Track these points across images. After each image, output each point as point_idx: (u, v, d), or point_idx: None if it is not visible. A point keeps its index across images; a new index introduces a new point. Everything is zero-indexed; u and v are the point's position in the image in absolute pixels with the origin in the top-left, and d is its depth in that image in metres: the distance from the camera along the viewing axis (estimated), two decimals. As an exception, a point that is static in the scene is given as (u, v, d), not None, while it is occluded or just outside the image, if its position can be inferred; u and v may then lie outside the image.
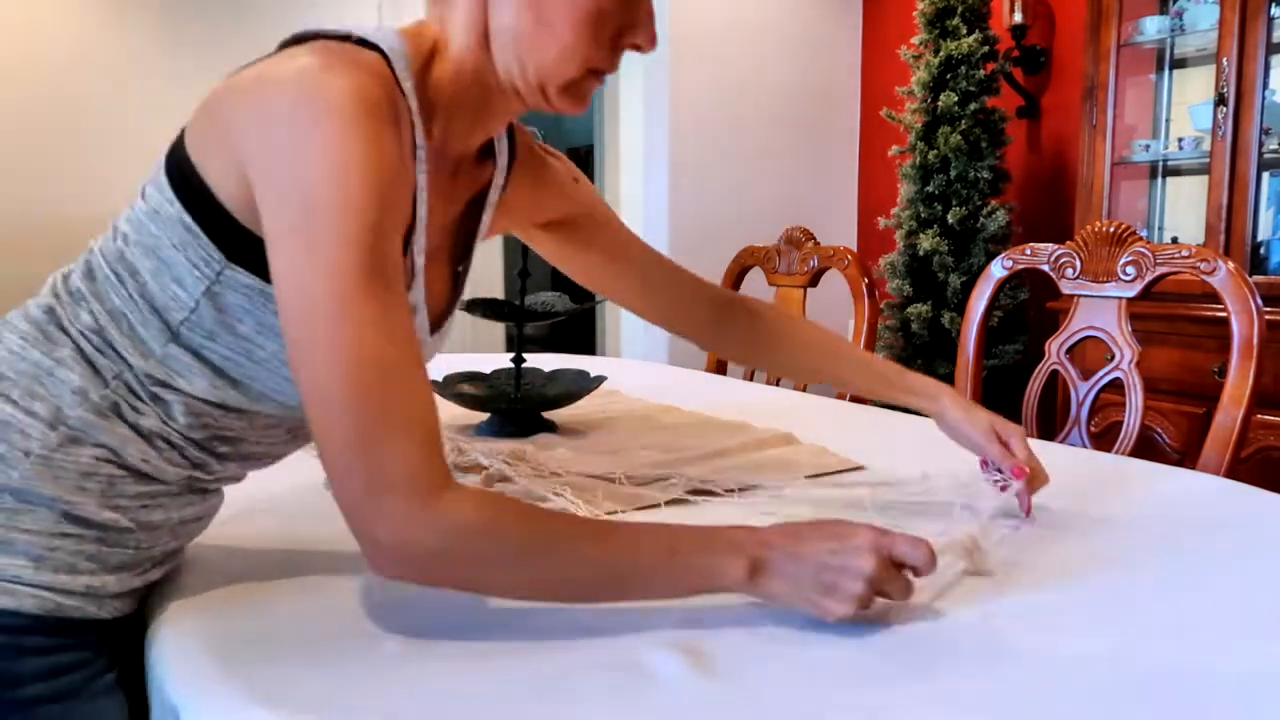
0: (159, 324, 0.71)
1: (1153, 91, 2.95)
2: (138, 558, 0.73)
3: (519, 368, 1.41)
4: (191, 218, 0.69)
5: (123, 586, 0.72)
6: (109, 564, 0.71)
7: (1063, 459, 1.25)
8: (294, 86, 0.63)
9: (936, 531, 0.80)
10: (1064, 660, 0.65)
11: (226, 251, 0.69)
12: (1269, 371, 2.30)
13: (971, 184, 3.17)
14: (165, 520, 0.74)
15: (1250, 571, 0.83)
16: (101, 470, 0.70)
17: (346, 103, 0.63)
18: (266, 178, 0.64)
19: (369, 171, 0.63)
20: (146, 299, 0.71)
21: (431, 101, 0.76)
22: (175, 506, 0.75)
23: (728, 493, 1.05)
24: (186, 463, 0.74)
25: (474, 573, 0.65)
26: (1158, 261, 1.40)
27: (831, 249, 1.99)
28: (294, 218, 0.63)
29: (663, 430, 1.38)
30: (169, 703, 0.61)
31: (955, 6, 3.17)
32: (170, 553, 0.78)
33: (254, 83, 0.66)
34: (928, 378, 1.09)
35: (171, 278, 0.70)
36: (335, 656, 0.65)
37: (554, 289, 1.52)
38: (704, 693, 0.60)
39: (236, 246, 0.69)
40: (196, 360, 0.71)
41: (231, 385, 0.72)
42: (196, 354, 0.71)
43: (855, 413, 1.59)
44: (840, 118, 4.20)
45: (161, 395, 0.72)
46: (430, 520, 0.62)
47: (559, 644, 0.67)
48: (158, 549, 0.75)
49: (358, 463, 0.61)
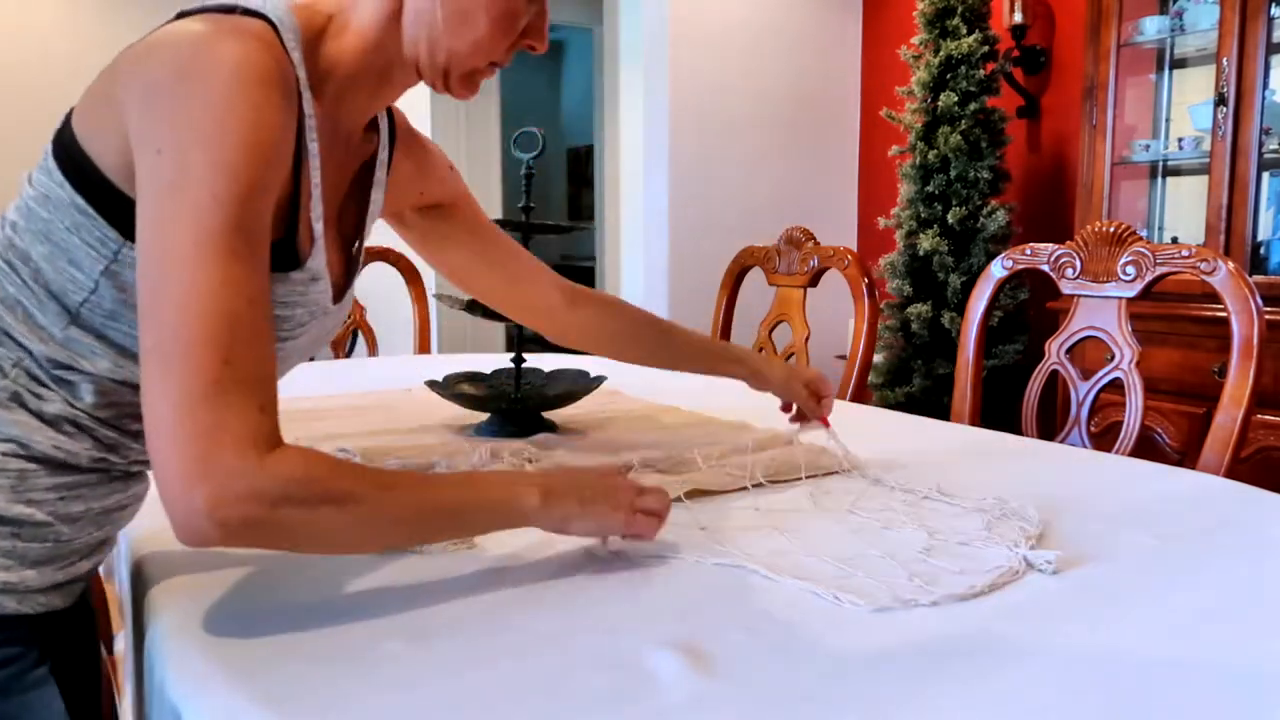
0: (57, 308, 0.70)
1: (1153, 91, 2.95)
2: (59, 551, 0.72)
3: (519, 368, 1.41)
4: (84, 199, 0.69)
5: (45, 581, 0.72)
6: (27, 559, 0.70)
7: (1063, 459, 1.26)
8: (181, 52, 0.64)
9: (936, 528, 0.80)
10: (1064, 660, 0.65)
11: (121, 229, 0.69)
12: (1269, 371, 2.30)
13: (971, 184, 3.17)
14: (86, 511, 0.74)
15: (1250, 571, 0.83)
16: (10, 465, 0.70)
17: (233, 67, 0.64)
18: (146, 140, 0.64)
19: (248, 133, 0.64)
20: (41, 284, 0.71)
21: (323, 73, 0.77)
22: (95, 496, 0.75)
23: (727, 493, 1.05)
24: (99, 444, 0.74)
25: (304, 522, 0.64)
26: (1158, 261, 1.40)
27: (831, 249, 1.99)
28: (168, 174, 0.63)
29: (663, 430, 1.39)
30: (169, 703, 0.61)
31: (955, 6, 3.17)
32: (97, 544, 0.77)
33: (143, 51, 0.67)
34: (738, 346, 1.28)
35: (67, 260, 0.70)
36: (335, 656, 0.65)
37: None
38: (704, 693, 0.60)
39: (132, 223, 0.67)
40: (99, 340, 0.71)
41: (135, 362, 0.71)
42: (98, 334, 0.71)
43: (855, 413, 1.59)
44: (840, 118, 4.21)
45: (65, 378, 0.72)
46: (265, 473, 0.62)
47: (559, 644, 0.67)
48: (80, 541, 0.74)
49: (200, 413, 0.60)
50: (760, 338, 2.12)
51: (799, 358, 2.00)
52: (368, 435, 1.33)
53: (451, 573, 0.80)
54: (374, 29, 0.78)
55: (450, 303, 1.38)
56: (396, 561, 0.83)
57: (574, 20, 5.67)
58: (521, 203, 1.39)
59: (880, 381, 3.36)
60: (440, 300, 1.39)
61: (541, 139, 1.37)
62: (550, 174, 7.77)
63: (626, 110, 4.02)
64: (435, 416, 1.46)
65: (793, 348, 2.01)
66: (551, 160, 7.71)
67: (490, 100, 5.37)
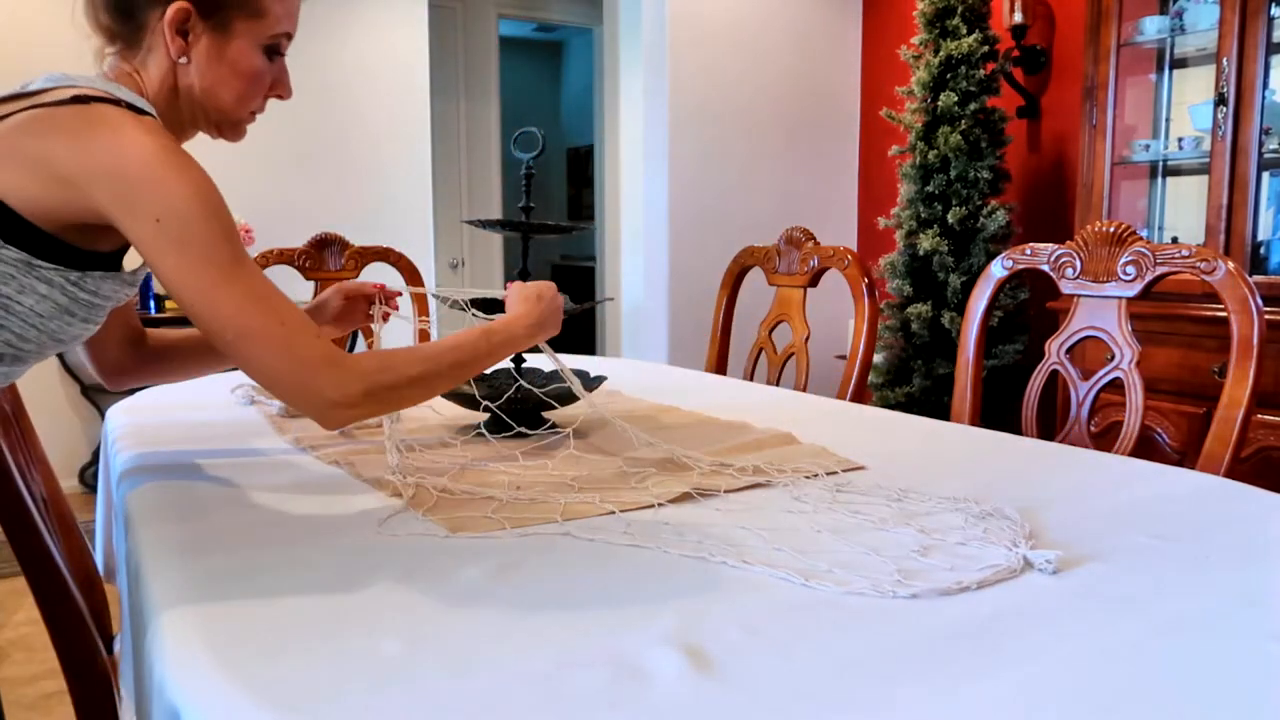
0: None
1: (1153, 91, 2.95)
2: None
3: (519, 368, 1.41)
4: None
5: None
6: None
7: (1063, 459, 1.26)
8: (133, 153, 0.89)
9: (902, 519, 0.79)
10: (1063, 660, 0.65)
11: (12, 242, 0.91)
12: (1269, 371, 2.30)
13: (971, 184, 3.17)
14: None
15: (1250, 571, 0.83)
16: None
17: (177, 151, 0.91)
18: (138, 211, 0.88)
19: (209, 191, 0.90)
20: None
21: None
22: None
23: (727, 492, 1.05)
24: None
25: (392, 393, 0.94)
26: (1158, 261, 1.40)
27: (831, 249, 1.99)
28: (175, 233, 0.88)
29: (663, 430, 1.39)
30: (169, 703, 0.61)
31: (955, 6, 3.17)
32: None
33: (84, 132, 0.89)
34: None
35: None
36: (335, 657, 0.65)
37: (554, 289, 1.52)
38: (704, 693, 0.60)
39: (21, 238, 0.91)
40: None
41: None
42: None
43: (855, 413, 1.59)
44: (840, 118, 4.21)
45: None
46: (349, 375, 0.90)
47: (558, 644, 0.67)
48: None
49: (289, 364, 0.89)
50: (760, 338, 2.12)
51: (799, 357, 2.00)
52: (368, 435, 1.33)
53: (451, 573, 0.81)
54: (160, 97, 1.03)
55: (450, 303, 1.38)
56: (396, 562, 0.83)
57: (574, 20, 5.67)
58: (521, 203, 1.40)
59: (880, 381, 3.36)
60: (440, 300, 1.39)
61: (541, 139, 1.37)
62: (550, 174, 7.77)
63: (626, 110, 4.03)
64: (435, 417, 1.46)
65: (793, 348, 2.01)
66: (551, 160, 7.71)
67: (490, 100, 5.37)
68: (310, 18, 3.90)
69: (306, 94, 3.91)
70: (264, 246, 2.90)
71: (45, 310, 0.96)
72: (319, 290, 2.26)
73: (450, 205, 5.23)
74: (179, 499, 1.04)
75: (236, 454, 1.25)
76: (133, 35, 1.01)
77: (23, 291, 0.93)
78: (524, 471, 1.14)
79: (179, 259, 0.88)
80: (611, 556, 0.85)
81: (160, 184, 0.88)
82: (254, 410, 1.55)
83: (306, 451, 1.26)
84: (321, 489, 1.08)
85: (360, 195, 4.12)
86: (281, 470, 1.17)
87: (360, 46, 4.06)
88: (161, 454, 1.25)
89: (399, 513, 0.98)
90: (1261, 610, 0.75)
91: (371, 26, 4.08)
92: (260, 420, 1.47)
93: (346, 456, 1.20)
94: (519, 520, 0.94)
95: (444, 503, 1.00)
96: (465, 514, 0.96)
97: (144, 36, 1.01)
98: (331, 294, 1.32)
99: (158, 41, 1.01)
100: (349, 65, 4.04)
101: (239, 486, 1.09)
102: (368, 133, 4.11)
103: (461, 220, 4.81)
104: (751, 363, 2.15)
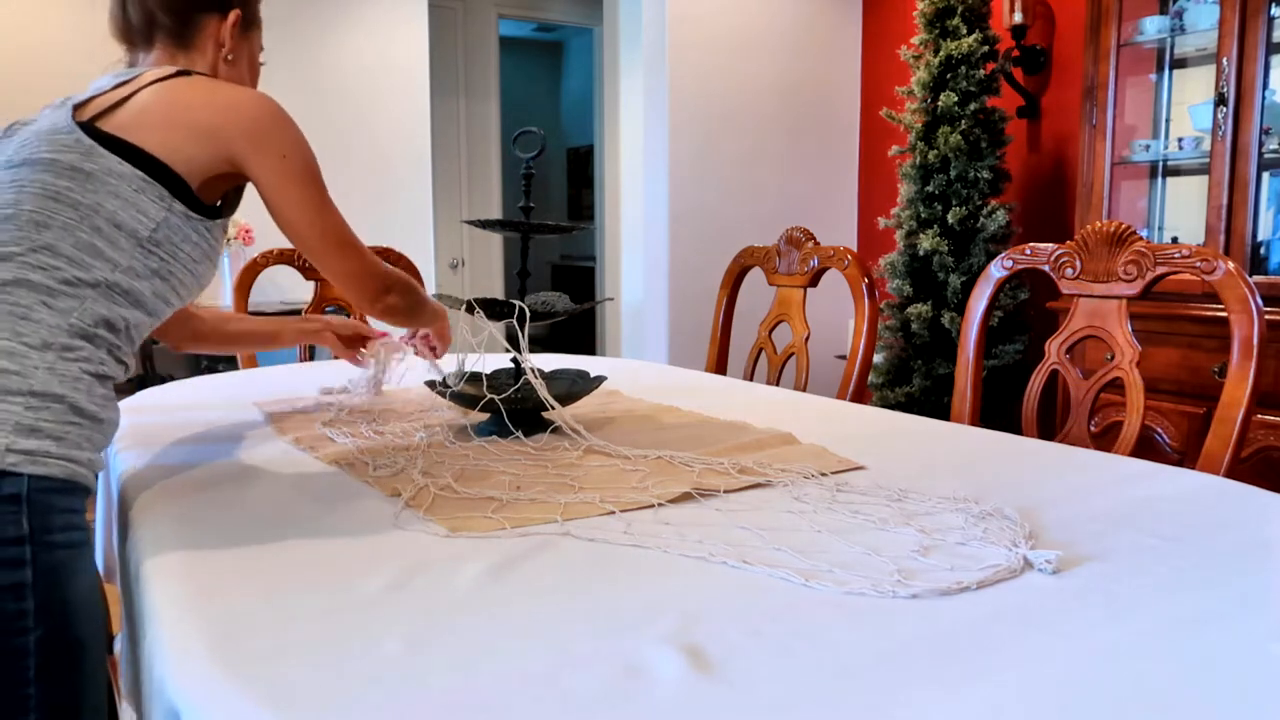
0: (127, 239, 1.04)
1: (1153, 91, 2.95)
2: (104, 443, 1.00)
3: (519, 367, 1.41)
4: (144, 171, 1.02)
5: (100, 465, 0.99)
6: (96, 445, 0.98)
7: (1063, 459, 1.26)
8: (262, 105, 1.08)
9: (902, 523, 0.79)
10: (1063, 660, 0.65)
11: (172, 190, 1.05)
12: (1269, 371, 2.30)
13: (971, 184, 3.17)
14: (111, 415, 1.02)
15: (1250, 571, 0.83)
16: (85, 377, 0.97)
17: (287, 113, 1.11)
18: (268, 148, 1.07)
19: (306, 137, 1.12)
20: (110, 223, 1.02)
21: None
22: (113, 406, 1.02)
23: (727, 492, 1.05)
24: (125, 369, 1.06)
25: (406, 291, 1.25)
26: (1158, 261, 1.40)
27: (831, 249, 1.99)
28: (297, 166, 1.09)
29: (663, 430, 1.39)
30: (169, 703, 0.61)
31: (955, 6, 3.17)
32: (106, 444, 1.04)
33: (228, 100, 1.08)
34: (272, 317, 1.65)
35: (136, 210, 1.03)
36: (335, 656, 0.65)
37: (554, 289, 1.52)
38: (704, 693, 0.60)
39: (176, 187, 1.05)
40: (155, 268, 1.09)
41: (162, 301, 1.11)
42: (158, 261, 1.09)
43: (855, 413, 1.59)
44: (840, 118, 4.21)
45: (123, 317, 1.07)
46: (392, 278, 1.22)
47: (558, 643, 0.67)
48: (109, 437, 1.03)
49: (370, 275, 1.18)
50: (760, 338, 2.12)
51: (799, 358, 2.00)
52: (368, 435, 1.33)
53: (450, 574, 0.81)
54: None
55: (450, 303, 1.38)
56: (397, 562, 0.83)
57: (574, 20, 5.67)
58: (521, 203, 1.40)
59: (880, 381, 3.36)
60: (440, 300, 1.39)
61: (541, 139, 1.37)
62: (550, 174, 7.77)
63: (626, 110, 4.02)
64: (435, 417, 1.46)
65: (793, 348, 2.01)
66: (551, 160, 7.72)
67: (490, 100, 5.37)
68: (311, 18, 3.90)
69: (307, 94, 3.91)
70: (264, 246, 2.90)
71: (198, 255, 1.10)
72: (319, 290, 2.26)
73: (450, 205, 5.22)
74: (179, 499, 1.04)
75: (236, 454, 1.25)
76: (186, 35, 1.16)
77: (186, 240, 1.08)
78: (524, 471, 1.14)
79: (299, 189, 1.10)
80: (611, 556, 0.85)
81: (283, 128, 1.08)
82: (254, 410, 1.55)
83: (306, 451, 1.26)
84: (321, 489, 1.08)
85: (360, 195, 4.12)
86: (281, 470, 1.17)
87: (360, 46, 4.06)
88: (162, 454, 1.25)
89: (399, 513, 0.98)
90: (1262, 611, 0.75)
91: (372, 27, 4.08)
92: (260, 420, 1.48)
93: (347, 457, 1.20)
94: (519, 520, 0.94)
95: (444, 503, 1.00)
96: (465, 514, 0.96)
97: (195, 37, 1.16)
98: (322, 328, 1.61)
99: (207, 42, 1.17)
100: (349, 65, 4.04)
101: (239, 486, 1.09)
102: (368, 133, 4.11)
103: (461, 220, 4.80)
104: (751, 363, 2.15)
